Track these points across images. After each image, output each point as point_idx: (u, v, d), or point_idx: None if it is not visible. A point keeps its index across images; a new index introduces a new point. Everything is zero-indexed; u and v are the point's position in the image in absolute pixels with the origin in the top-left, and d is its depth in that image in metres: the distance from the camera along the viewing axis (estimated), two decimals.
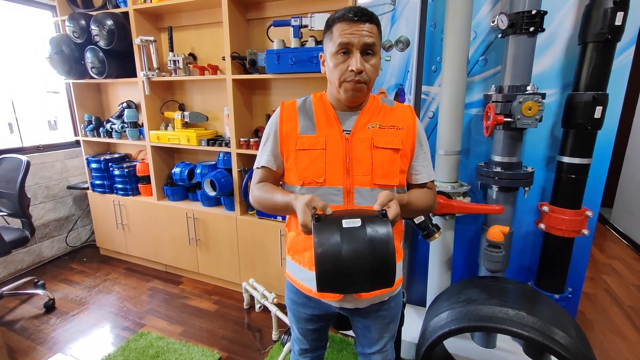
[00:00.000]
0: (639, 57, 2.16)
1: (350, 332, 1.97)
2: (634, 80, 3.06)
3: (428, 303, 1.83)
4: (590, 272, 2.72)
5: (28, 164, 2.17)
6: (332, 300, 0.98)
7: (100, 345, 1.95)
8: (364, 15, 0.85)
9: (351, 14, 0.84)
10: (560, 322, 1.19)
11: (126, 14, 2.35)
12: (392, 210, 0.79)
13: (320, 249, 0.74)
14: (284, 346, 1.82)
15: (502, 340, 1.71)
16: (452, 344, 1.68)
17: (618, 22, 1.28)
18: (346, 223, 0.76)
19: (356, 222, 0.76)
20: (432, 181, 1.04)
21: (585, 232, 1.49)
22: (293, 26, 1.89)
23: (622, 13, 1.28)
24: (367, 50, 0.86)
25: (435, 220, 1.63)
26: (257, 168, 1.02)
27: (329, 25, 0.89)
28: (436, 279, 1.77)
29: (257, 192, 0.99)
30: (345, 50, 0.85)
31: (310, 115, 0.96)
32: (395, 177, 0.92)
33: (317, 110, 0.97)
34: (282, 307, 2.06)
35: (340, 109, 0.96)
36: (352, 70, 0.85)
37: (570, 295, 1.64)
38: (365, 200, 0.90)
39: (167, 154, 2.68)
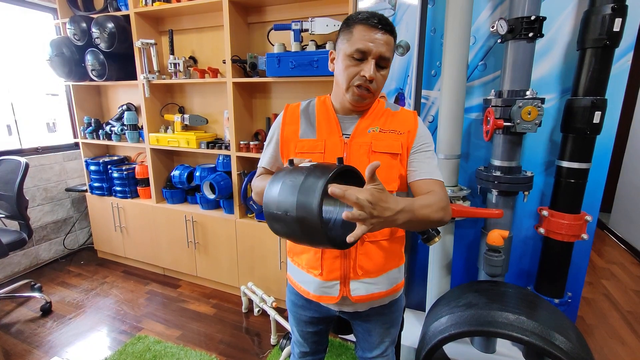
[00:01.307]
0: (637, 62, 2.18)
1: (350, 337, 1.96)
2: (632, 85, 3.10)
3: (427, 307, 1.82)
4: (589, 277, 2.72)
5: (27, 165, 2.16)
6: (330, 303, 0.98)
7: (97, 349, 1.93)
8: (387, 25, 0.85)
9: (375, 20, 0.84)
10: (561, 326, 1.19)
11: (127, 17, 2.36)
12: (365, 193, 0.66)
13: (267, 185, 0.76)
14: (282, 350, 1.81)
15: (502, 345, 1.70)
16: (451, 349, 1.67)
17: (616, 28, 1.29)
18: (299, 165, 0.76)
19: (307, 166, 0.74)
20: (440, 182, 0.90)
21: (585, 236, 1.50)
22: (294, 30, 1.90)
23: (620, 19, 1.29)
24: (381, 61, 0.86)
25: None
26: (260, 167, 1.06)
27: (349, 24, 0.87)
28: (436, 283, 1.77)
29: (256, 183, 1.01)
30: (360, 55, 0.85)
31: (312, 119, 0.97)
32: (393, 182, 0.92)
33: (319, 114, 0.97)
34: (281, 311, 2.05)
35: (342, 113, 0.96)
36: (363, 76, 0.85)
37: (569, 300, 1.63)
38: None
39: (166, 157, 2.68)
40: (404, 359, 1.75)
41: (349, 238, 0.66)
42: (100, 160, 2.75)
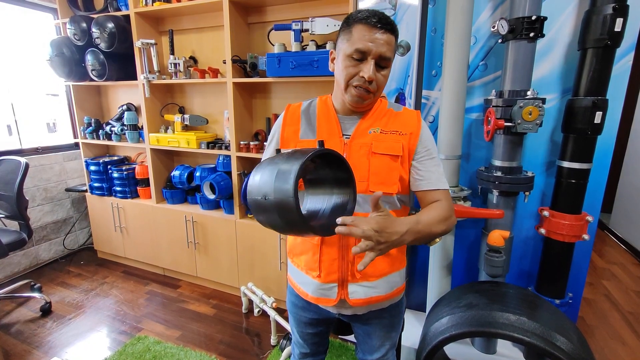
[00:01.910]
0: (638, 62, 2.18)
1: (350, 338, 1.95)
2: (633, 86, 3.09)
3: (428, 308, 1.82)
4: (590, 277, 2.71)
5: (27, 165, 2.16)
6: (329, 305, 0.98)
7: (96, 349, 1.93)
8: (388, 25, 0.83)
9: (375, 19, 0.82)
10: (562, 327, 1.18)
11: (127, 17, 2.36)
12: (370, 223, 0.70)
13: (251, 174, 0.79)
14: (282, 351, 1.81)
15: (503, 345, 1.70)
16: (452, 350, 1.67)
17: (617, 28, 1.29)
18: (279, 154, 0.78)
19: (289, 151, 0.76)
20: (446, 192, 0.91)
21: (586, 237, 1.49)
22: (294, 30, 1.90)
23: (622, 19, 1.28)
24: (382, 61, 0.85)
25: None
26: None
27: (349, 23, 0.85)
28: (436, 284, 1.77)
29: None
30: (360, 55, 0.83)
31: (312, 119, 0.96)
32: (393, 185, 0.89)
33: (320, 114, 0.96)
34: (281, 311, 2.05)
35: (343, 113, 0.95)
36: (362, 77, 0.84)
37: (570, 301, 1.63)
38: (362, 208, 0.88)
39: (166, 157, 2.67)
40: None
41: (359, 266, 0.70)
42: (100, 161, 2.75)
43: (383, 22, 0.82)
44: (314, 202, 0.86)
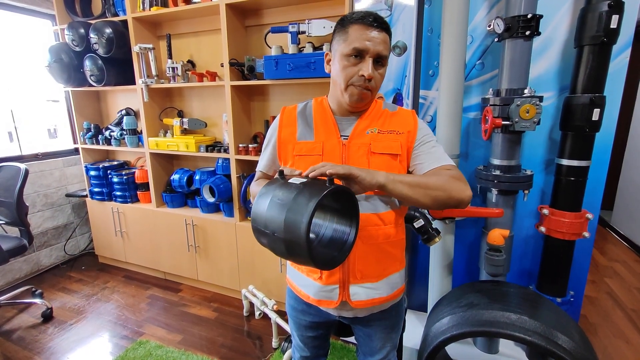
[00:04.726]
0: (635, 59, 2.18)
1: (351, 339, 1.95)
2: (631, 82, 3.09)
3: (429, 308, 1.81)
4: (592, 275, 2.70)
5: (26, 172, 2.16)
6: (330, 308, 0.97)
7: (98, 354, 1.93)
8: (383, 24, 0.85)
9: (371, 19, 0.84)
10: (563, 326, 1.18)
11: (125, 22, 2.37)
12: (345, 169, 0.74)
13: (256, 197, 0.76)
14: (284, 354, 1.81)
15: (505, 345, 1.69)
16: (454, 350, 1.66)
17: (613, 25, 1.29)
18: (290, 181, 0.75)
19: (298, 184, 0.73)
20: (452, 165, 0.89)
21: (586, 234, 1.49)
22: (291, 32, 1.91)
23: (617, 16, 1.28)
24: (379, 59, 0.86)
25: (435, 224, 1.62)
26: (258, 170, 1.07)
27: (344, 24, 0.87)
28: (437, 284, 1.76)
29: (254, 188, 1.02)
30: (358, 54, 0.85)
31: (309, 121, 0.96)
32: None
33: (316, 116, 0.96)
34: (282, 314, 2.04)
35: (340, 114, 0.95)
36: (362, 76, 0.84)
37: (572, 299, 1.62)
38: (362, 208, 0.88)
39: (166, 161, 2.68)
40: None
41: None
42: (100, 166, 2.75)
43: (379, 22, 0.84)
44: (312, 225, 0.85)
